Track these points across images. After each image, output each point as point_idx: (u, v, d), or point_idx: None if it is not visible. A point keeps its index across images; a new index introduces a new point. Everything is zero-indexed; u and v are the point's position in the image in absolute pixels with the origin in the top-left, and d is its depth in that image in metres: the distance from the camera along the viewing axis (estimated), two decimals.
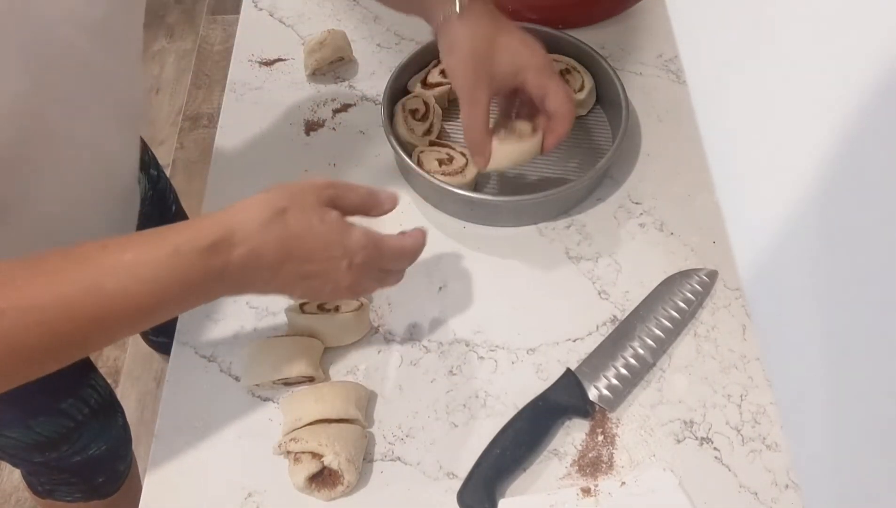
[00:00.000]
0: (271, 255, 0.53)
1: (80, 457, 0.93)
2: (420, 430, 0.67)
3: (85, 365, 0.92)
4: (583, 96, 0.83)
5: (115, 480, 1.03)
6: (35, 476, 0.99)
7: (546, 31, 0.87)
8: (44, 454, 0.89)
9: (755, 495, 0.63)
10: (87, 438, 0.91)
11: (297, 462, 0.63)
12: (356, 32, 0.95)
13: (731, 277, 0.74)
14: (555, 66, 0.74)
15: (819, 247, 0.26)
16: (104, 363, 1.67)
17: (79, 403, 0.88)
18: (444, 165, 0.78)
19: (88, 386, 0.90)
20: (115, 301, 0.49)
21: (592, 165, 0.78)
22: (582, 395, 0.67)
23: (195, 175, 1.98)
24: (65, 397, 0.86)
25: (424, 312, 0.74)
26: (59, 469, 0.94)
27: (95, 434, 0.93)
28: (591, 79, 0.85)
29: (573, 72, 0.84)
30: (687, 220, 0.78)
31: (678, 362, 0.70)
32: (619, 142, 0.78)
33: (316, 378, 0.69)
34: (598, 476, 0.64)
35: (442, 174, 0.77)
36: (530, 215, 0.79)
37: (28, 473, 1.00)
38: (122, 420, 1.00)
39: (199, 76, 2.20)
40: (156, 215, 0.94)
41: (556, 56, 0.85)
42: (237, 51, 0.94)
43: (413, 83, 0.86)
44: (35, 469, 0.97)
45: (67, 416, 0.87)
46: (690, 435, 0.66)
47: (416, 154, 0.79)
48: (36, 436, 0.85)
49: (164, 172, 1.02)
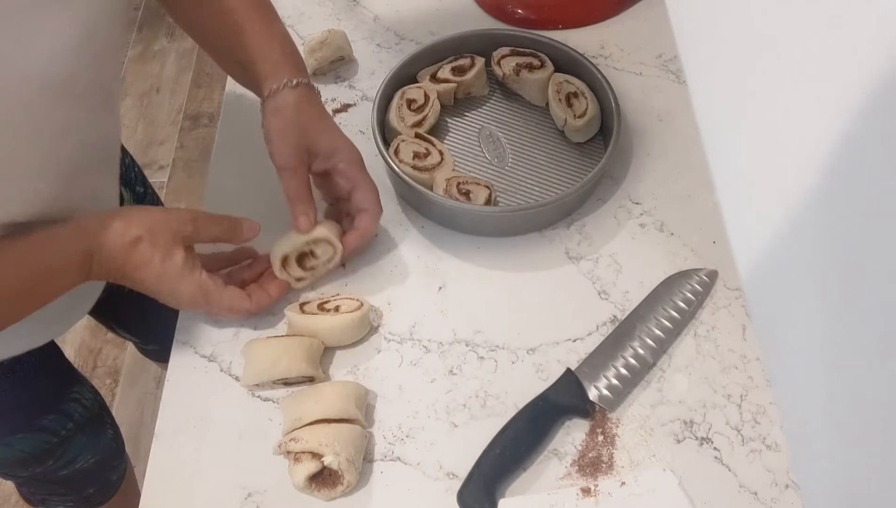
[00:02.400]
0: (114, 273, 0.63)
1: (67, 471, 0.91)
2: (420, 430, 0.67)
3: (67, 380, 0.90)
4: (579, 124, 0.81)
5: (106, 490, 1.02)
6: (26, 487, 0.98)
7: (518, 32, 0.87)
8: (27, 469, 0.88)
9: (755, 495, 0.63)
10: (74, 452, 0.90)
11: (297, 462, 0.63)
12: (356, 32, 0.95)
13: (731, 277, 0.74)
14: (363, 164, 0.74)
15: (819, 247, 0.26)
16: (103, 363, 1.67)
17: (61, 418, 0.87)
18: (418, 158, 0.78)
19: (71, 400, 0.88)
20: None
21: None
22: (582, 395, 0.67)
23: (195, 174, 1.98)
24: (44, 413, 0.85)
25: (424, 312, 0.74)
26: (46, 481, 0.93)
27: (82, 448, 0.91)
28: (597, 108, 0.82)
29: (580, 97, 0.83)
30: (687, 220, 0.78)
31: (678, 362, 0.70)
32: (613, 143, 0.77)
33: (316, 378, 0.69)
34: (598, 476, 0.64)
35: (412, 168, 0.77)
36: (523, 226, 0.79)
37: (19, 484, 0.99)
38: (112, 432, 0.99)
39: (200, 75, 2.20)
40: None
41: (567, 77, 0.84)
42: None
43: (423, 75, 0.86)
44: (24, 481, 0.96)
45: (49, 431, 0.85)
46: (690, 435, 0.66)
47: (396, 141, 0.80)
48: (17, 453, 0.84)
49: (151, 189, 1.00)
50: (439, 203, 0.75)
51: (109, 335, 1.69)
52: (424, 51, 0.86)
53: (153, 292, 0.65)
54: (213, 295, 0.67)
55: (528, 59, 0.86)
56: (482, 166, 0.82)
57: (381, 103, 0.83)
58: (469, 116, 0.87)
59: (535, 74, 0.85)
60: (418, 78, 0.86)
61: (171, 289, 0.65)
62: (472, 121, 0.87)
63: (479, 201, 0.76)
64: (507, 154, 0.83)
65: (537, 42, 0.86)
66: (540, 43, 0.86)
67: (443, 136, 0.85)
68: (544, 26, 0.92)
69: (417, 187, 0.75)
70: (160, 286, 0.65)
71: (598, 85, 0.83)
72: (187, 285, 0.65)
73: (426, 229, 0.79)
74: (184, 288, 0.65)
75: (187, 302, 0.67)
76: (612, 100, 0.80)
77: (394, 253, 0.78)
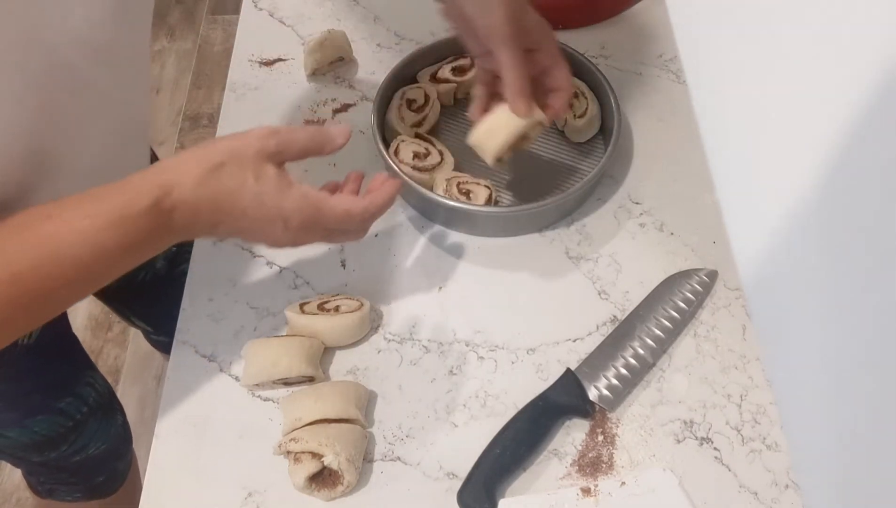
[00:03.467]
0: (206, 212, 0.54)
1: (80, 457, 0.92)
2: (420, 430, 0.67)
3: (83, 363, 0.92)
4: (579, 124, 0.81)
5: (115, 479, 1.03)
6: (35, 476, 0.99)
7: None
8: (42, 453, 0.89)
9: (755, 495, 0.63)
10: (87, 437, 0.91)
11: (297, 462, 0.63)
12: (356, 32, 0.95)
13: (731, 277, 0.74)
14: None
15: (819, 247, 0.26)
16: (104, 362, 1.67)
17: (77, 402, 0.88)
18: (418, 159, 0.78)
19: (87, 384, 0.90)
20: (66, 270, 0.49)
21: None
22: (582, 395, 0.67)
23: None
24: (63, 395, 0.86)
25: (424, 312, 0.74)
26: (58, 468, 0.94)
27: (94, 433, 0.92)
28: (597, 107, 0.82)
29: (580, 97, 0.82)
30: (687, 220, 0.78)
31: (678, 362, 0.70)
32: (613, 143, 0.78)
33: (316, 378, 0.69)
34: (598, 476, 0.64)
35: (412, 168, 0.77)
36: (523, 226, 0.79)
37: (28, 473, 1.00)
38: (121, 419, 1.00)
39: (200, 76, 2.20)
40: None
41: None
42: (237, 51, 0.94)
43: (423, 75, 0.86)
44: (34, 468, 0.97)
45: (66, 415, 0.87)
46: (690, 435, 0.66)
47: (396, 141, 0.80)
48: (34, 435, 0.85)
49: None
50: (439, 203, 0.75)
51: (110, 334, 1.70)
52: (424, 51, 0.86)
53: (257, 220, 0.55)
54: (323, 203, 0.58)
55: None
56: (482, 166, 0.82)
57: (381, 103, 0.83)
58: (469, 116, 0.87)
59: None
60: (418, 78, 0.86)
61: (276, 206, 0.55)
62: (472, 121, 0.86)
63: (479, 201, 0.76)
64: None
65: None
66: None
67: (443, 136, 0.85)
68: None
69: (417, 188, 0.75)
70: (262, 210, 0.55)
71: (598, 85, 0.83)
72: (293, 198, 0.56)
73: (426, 229, 0.79)
74: (290, 202, 0.56)
75: (298, 221, 0.57)
76: (613, 100, 0.80)
77: (394, 253, 0.78)
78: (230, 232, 0.56)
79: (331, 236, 0.62)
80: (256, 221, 0.55)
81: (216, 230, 0.56)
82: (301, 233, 0.58)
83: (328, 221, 0.59)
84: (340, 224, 0.60)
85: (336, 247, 0.78)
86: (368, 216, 0.61)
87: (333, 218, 0.59)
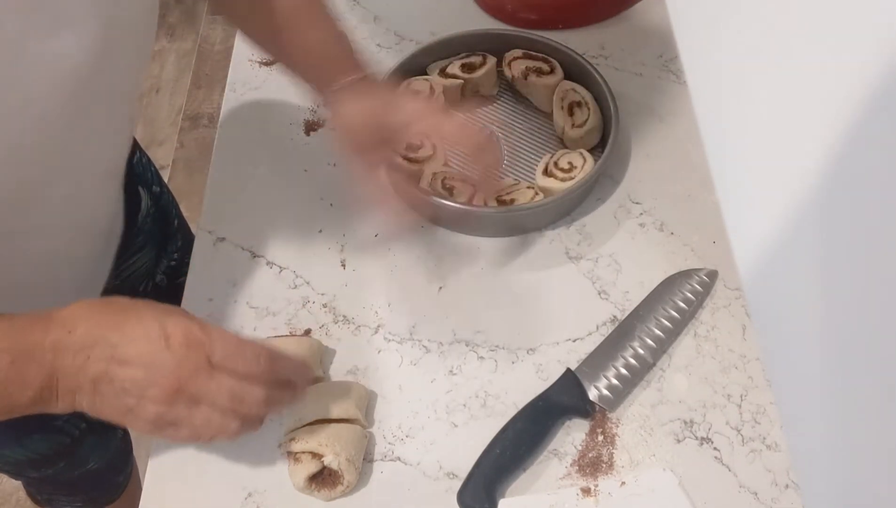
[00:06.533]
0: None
1: (79, 472, 0.91)
2: (420, 430, 0.67)
3: None
4: (576, 134, 0.80)
5: (114, 491, 1.02)
6: (34, 487, 0.98)
7: (533, 35, 0.87)
8: (39, 470, 0.87)
9: (755, 495, 0.63)
10: (85, 453, 0.90)
11: (297, 462, 0.63)
12: (356, 32, 0.95)
13: (731, 277, 0.74)
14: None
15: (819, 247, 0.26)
16: None
17: (75, 418, 0.85)
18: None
19: None
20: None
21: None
22: (582, 395, 0.67)
23: (195, 175, 1.98)
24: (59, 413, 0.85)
25: (424, 312, 0.74)
26: (57, 482, 0.93)
27: (94, 449, 0.91)
28: (599, 119, 0.81)
29: (583, 106, 0.82)
30: (687, 220, 0.78)
31: (678, 362, 0.70)
32: (611, 144, 0.77)
33: (316, 378, 0.69)
34: (598, 476, 0.64)
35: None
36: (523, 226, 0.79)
37: (27, 484, 0.99)
38: (121, 433, 0.98)
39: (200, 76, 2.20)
40: (157, 231, 0.92)
41: (574, 86, 0.83)
42: (237, 51, 0.94)
43: (433, 68, 0.86)
44: (33, 482, 0.96)
45: (63, 433, 0.85)
46: (690, 435, 0.66)
47: None
48: (30, 454, 0.83)
49: (166, 187, 1.01)
50: (439, 204, 0.75)
51: None
52: (434, 45, 0.86)
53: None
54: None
55: (538, 63, 0.85)
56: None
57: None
58: (473, 114, 0.87)
59: (542, 80, 0.84)
60: (428, 71, 0.86)
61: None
62: (475, 120, 0.86)
63: (461, 199, 0.76)
64: (504, 156, 0.83)
65: (550, 47, 0.85)
66: (553, 48, 0.85)
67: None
68: (544, 26, 0.92)
69: (418, 189, 0.75)
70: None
71: (601, 94, 0.82)
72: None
73: (426, 229, 0.79)
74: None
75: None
76: (612, 105, 0.80)
77: (394, 253, 0.78)
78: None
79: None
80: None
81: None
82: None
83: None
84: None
85: (336, 247, 0.78)
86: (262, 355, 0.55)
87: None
